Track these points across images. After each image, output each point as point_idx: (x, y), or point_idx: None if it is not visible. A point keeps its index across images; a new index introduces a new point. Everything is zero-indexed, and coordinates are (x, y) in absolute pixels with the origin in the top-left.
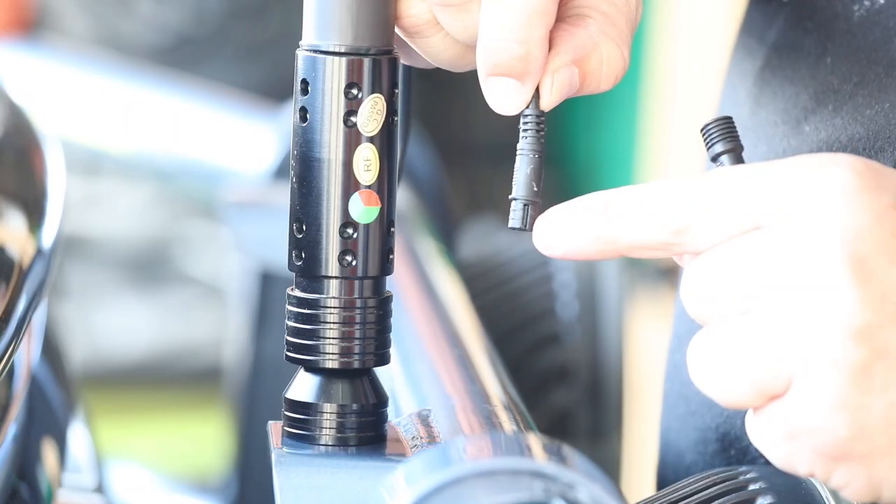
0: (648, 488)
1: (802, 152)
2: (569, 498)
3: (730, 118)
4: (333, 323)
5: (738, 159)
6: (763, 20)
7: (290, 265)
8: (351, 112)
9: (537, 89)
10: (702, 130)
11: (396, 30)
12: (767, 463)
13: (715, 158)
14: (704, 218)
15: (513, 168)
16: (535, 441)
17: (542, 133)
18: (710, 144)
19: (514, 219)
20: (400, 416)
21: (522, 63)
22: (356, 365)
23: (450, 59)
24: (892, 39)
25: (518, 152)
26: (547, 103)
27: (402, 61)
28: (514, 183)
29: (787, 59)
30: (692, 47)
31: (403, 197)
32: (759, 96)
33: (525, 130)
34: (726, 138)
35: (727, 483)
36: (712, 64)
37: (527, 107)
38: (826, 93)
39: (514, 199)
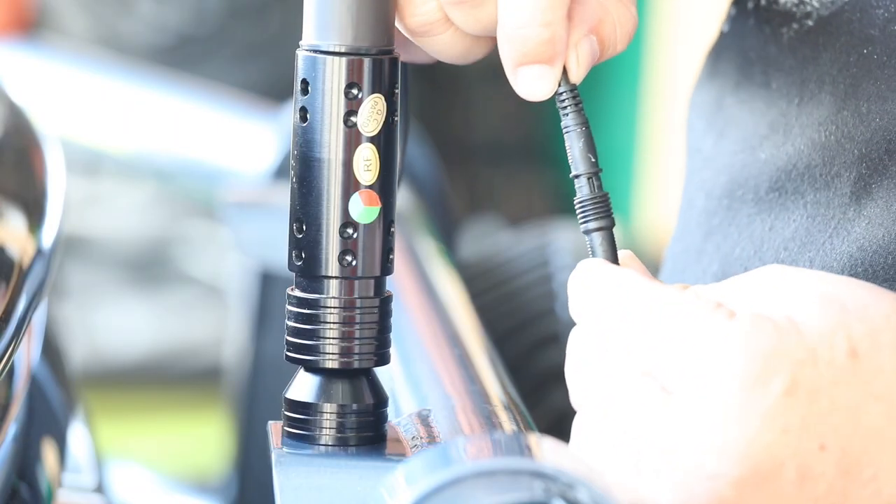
0: None
1: (762, 183)
2: (569, 498)
3: (606, 195)
4: (333, 323)
5: (610, 237)
6: (713, 53)
7: (290, 265)
8: (351, 112)
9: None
10: (576, 204)
11: (401, 30)
12: None
13: (587, 233)
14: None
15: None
16: (535, 441)
17: (581, 105)
18: (583, 220)
19: (582, 194)
20: (400, 416)
21: (550, 46)
22: (356, 365)
23: (456, 55)
24: (821, 55)
25: (564, 130)
26: (576, 77)
27: (402, 58)
28: (570, 161)
29: (746, 91)
30: (692, 47)
31: (403, 197)
32: (724, 128)
33: (564, 108)
34: (600, 216)
35: None
36: None
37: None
38: (777, 118)
39: (578, 176)
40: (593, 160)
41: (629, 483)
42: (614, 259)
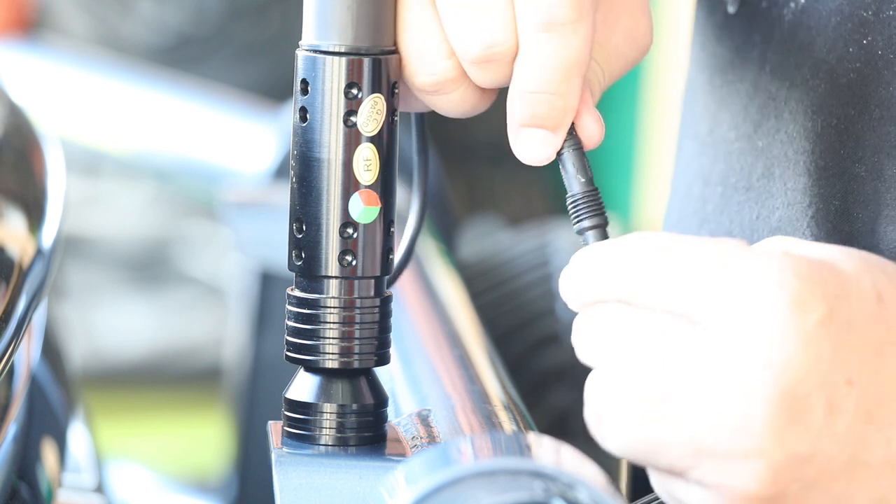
0: (648, 488)
1: (758, 169)
2: (569, 498)
3: (596, 190)
4: (333, 323)
5: (604, 234)
6: (713, 34)
7: (290, 265)
8: (351, 112)
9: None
10: (568, 202)
11: (411, 87)
12: None
13: (581, 233)
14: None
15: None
16: (535, 441)
17: (571, 126)
18: (577, 219)
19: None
20: (400, 416)
21: (560, 114)
22: (356, 365)
23: (463, 111)
24: (815, 40)
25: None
26: (594, 144)
27: (400, 108)
28: (565, 183)
29: (738, 71)
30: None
31: (403, 197)
32: (717, 112)
33: None
34: (594, 214)
35: None
36: None
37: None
38: (767, 101)
39: (570, 198)
40: (584, 180)
41: (653, 418)
42: None
